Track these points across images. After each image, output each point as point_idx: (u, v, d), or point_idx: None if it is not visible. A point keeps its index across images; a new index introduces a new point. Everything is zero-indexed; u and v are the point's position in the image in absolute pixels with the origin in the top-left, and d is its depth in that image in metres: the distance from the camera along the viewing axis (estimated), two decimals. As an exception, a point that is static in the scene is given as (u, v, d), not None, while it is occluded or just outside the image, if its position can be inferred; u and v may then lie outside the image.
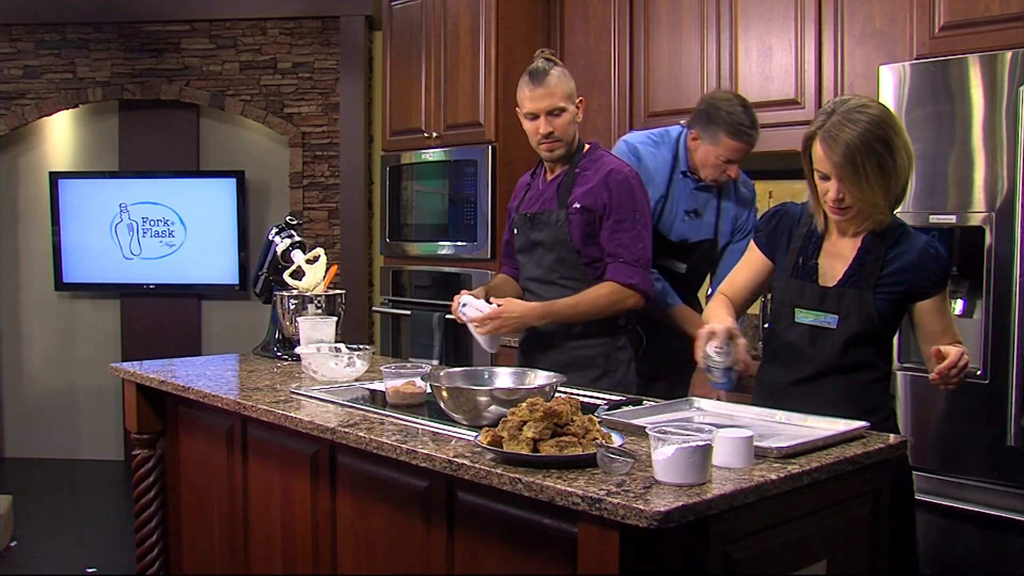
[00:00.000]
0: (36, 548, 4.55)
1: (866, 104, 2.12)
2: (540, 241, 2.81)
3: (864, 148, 2.06)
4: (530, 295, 2.87)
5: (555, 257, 2.79)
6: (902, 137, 2.12)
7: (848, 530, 1.95)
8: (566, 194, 2.77)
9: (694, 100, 3.82)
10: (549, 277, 2.81)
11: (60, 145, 6.28)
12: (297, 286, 3.17)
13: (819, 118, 2.14)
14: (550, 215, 2.78)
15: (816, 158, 2.13)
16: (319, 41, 5.89)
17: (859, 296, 2.18)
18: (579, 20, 4.30)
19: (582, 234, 2.73)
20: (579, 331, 2.77)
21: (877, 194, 2.10)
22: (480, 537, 1.97)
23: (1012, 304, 2.64)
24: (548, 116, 2.72)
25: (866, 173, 2.07)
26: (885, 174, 2.08)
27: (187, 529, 3.00)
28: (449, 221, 4.53)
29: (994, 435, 2.67)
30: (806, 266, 2.27)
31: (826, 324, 2.21)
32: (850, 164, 2.07)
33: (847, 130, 2.06)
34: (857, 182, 2.08)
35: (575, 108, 2.76)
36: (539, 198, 2.86)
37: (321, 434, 2.22)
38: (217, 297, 6.19)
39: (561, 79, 2.72)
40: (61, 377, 6.26)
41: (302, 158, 5.94)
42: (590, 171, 2.77)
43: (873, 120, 2.08)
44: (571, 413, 1.83)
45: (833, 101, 2.18)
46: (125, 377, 3.05)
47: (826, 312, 2.21)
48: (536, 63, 2.75)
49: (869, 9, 3.30)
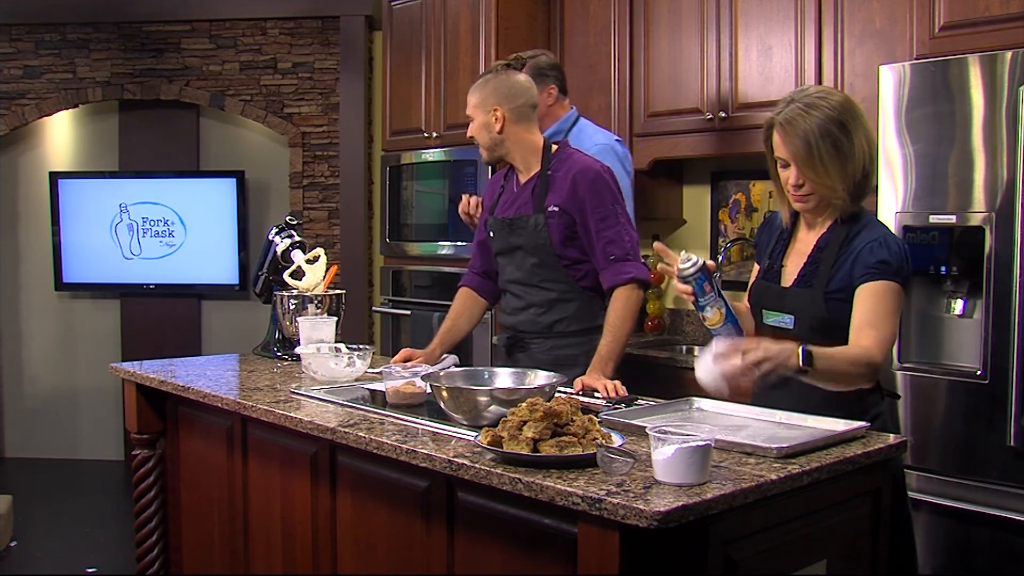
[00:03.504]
0: (36, 548, 4.55)
1: (827, 92, 2.15)
2: (520, 245, 2.83)
3: (818, 130, 2.08)
4: (511, 297, 2.90)
5: (536, 261, 2.81)
6: (861, 123, 2.13)
7: (848, 530, 1.95)
8: (541, 198, 2.79)
9: (694, 100, 3.84)
10: (530, 280, 2.83)
11: (60, 145, 6.28)
12: (297, 286, 3.17)
13: (778, 106, 2.16)
14: (528, 220, 2.80)
15: (775, 146, 2.16)
16: (319, 41, 5.89)
17: (810, 296, 2.16)
18: (579, 20, 4.30)
19: (561, 236, 2.76)
20: (560, 331, 2.80)
21: (834, 177, 2.10)
22: (480, 537, 1.97)
23: (1012, 304, 2.64)
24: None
25: (821, 155, 2.08)
26: (841, 156, 2.10)
27: (187, 529, 3.00)
28: (449, 221, 4.53)
29: (994, 435, 2.67)
30: (772, 268, 2.28)
31: (783, 324, 2.20)
32: (805, 147, 2.09)
33: (803, 115, 2.09)
34: (813, 165, 2.10)
35: (484, 117, 2.79)
36: (514, 201, 2.87)
37: (321, 434, 2.22)
38: (217, 297, 6.19)
39: (473, 91, 2.82)
40: (61, 377, 6.26)
41: (302, 158, 5.94)
42: (560, 172, 2.78)
43: (831, 105, 2.10)
44: (571, 413, 1.84)
45: (793, 91, 2.20)
46: (125, 377, 3.05)
47: (783, 312, 2.21)
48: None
49: (869, 9, 3.30)
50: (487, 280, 3.03)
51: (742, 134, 3.68)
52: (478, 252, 3.06)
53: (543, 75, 3.31)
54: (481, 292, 3.03)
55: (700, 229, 4.28)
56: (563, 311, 2.80)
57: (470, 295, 3.03)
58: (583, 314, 2.81)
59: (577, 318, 2.81)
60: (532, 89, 2.85)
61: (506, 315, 2.93)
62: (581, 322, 2.80)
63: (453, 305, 3.03)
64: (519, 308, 2.87)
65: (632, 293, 2.71)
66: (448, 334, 2.95)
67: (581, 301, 2.80)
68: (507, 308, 2.93)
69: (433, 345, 2.91)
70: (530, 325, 2.84)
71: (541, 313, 2.82)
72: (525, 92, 2.82)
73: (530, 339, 2.85)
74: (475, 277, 3.05)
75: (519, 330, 2.87)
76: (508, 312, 2.92)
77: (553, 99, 3.35)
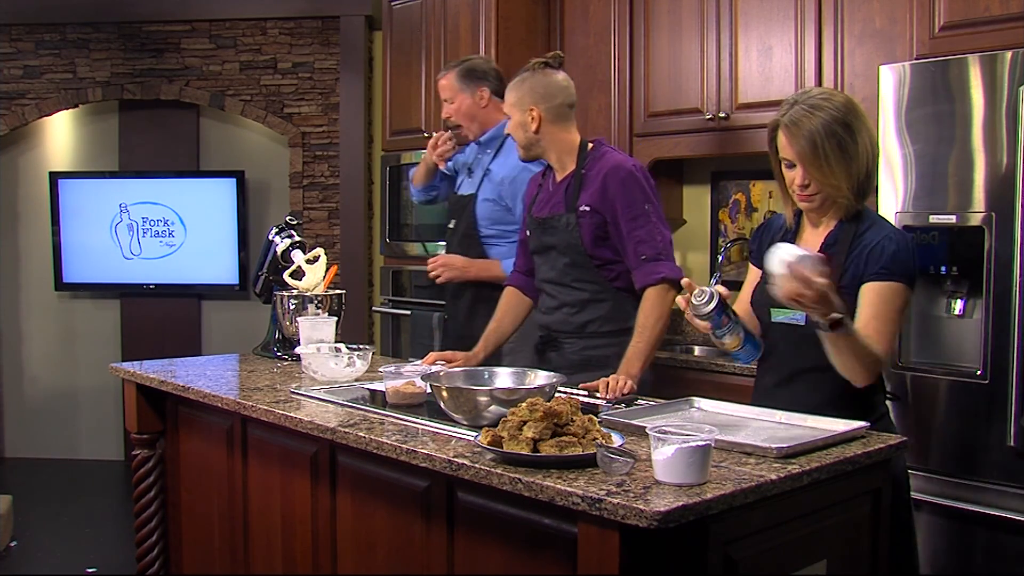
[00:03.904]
0: (36, 548, 4.55)
1: (830, 94, 2.17)
2: (552, 245, 2.81)
3: (824, 130, 2.10)
4: (546, 296, 2.88)
5: (568, 260, 2.78)
6: (864, 123, 2.15)
7: (848, 530, 1.95)
8: (574, 197, 2.76)
9: (694, 100, 3.84)
10: (563, 280, 2.81)
11: (60, 145, 6.28)
12: (297, 286, 3.17)
13: (783, 108, 2.18)
14: (559, 219, 2.78)
15: (780, 146, 2.17)
16: (319, 41, 5.89)
17: None
18: (579, 20, 4.30)
19: (592, 236, 2.73)
20: (592, 331, 2.77)
21: (839, 176, 2.12)
22: (480, 537, 1.97)
23: (1012, 304, 2.64)
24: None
25: (827, 155, 2.10)
26: (846, 156, 2.11)
27: (187, 529, 3.00)
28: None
29: (994, 435, 2.67)
30: None
31: (795, 321, 2.20)
32: (811, 147, 2.10)
33: (808, 116, 2.11)
34: (819, 165, 2.11)
35: (521, 116, 2.81)
36: (549, 201, 2.86)
37: (321, 434, 2.22)
38: (217, 297, 6.19)
39: (509, 90, 2.87)
40: (61, 377, 6.26)
41: (302, 158, 5.94)
42: (593, 171, 2.76)
43: (835, 106, 2.12)
44: (571, 413, 1.83)
45: (797, 92, 2.22)
46: (125, 377, 3.05)
47: (793, 309, 2.21)
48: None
49: (869, 9, 3.30)
50: (531, 279, 2.99)
51: (742, 134, 3.68)
52: (521, 251, 3.03)
53: (475, 77, 3.37)
54: (526, 291, 2.99)
55: (700, 229, 4.28)
56: (595, 311, 2.78)
57: (515, 294, 3.00)
58: (616, 314, 2.77)
59: (610, 318, 2.77)
60: (570, 88, 2.83)
61: (541, 314, 2.92)
62: (614, 323, 2.76)
63: (499, 305, 3.00)
64: (552, 308, 2.85)
65: (664, 293, 2.67)
66: (493, 335, 2.93)
67: (614, 301, 2.76)
68: (542, 307, 2.91)
69: (477, 348, 2.87)
70: (563, 325, 2.81)
71: (573, 313, 2.80)
72: (563, 91, 2.80)
73: (563, 339, 2.82)
74: (519, 276, 3.02)
75: (552, 329, 2.84)
76: (543, 312, 2.90)
77: (486, 101, 3.37)
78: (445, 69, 3.43)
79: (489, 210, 3.31)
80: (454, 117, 3.40)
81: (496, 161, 3.34)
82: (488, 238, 3.33)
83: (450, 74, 3.38)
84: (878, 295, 2.11)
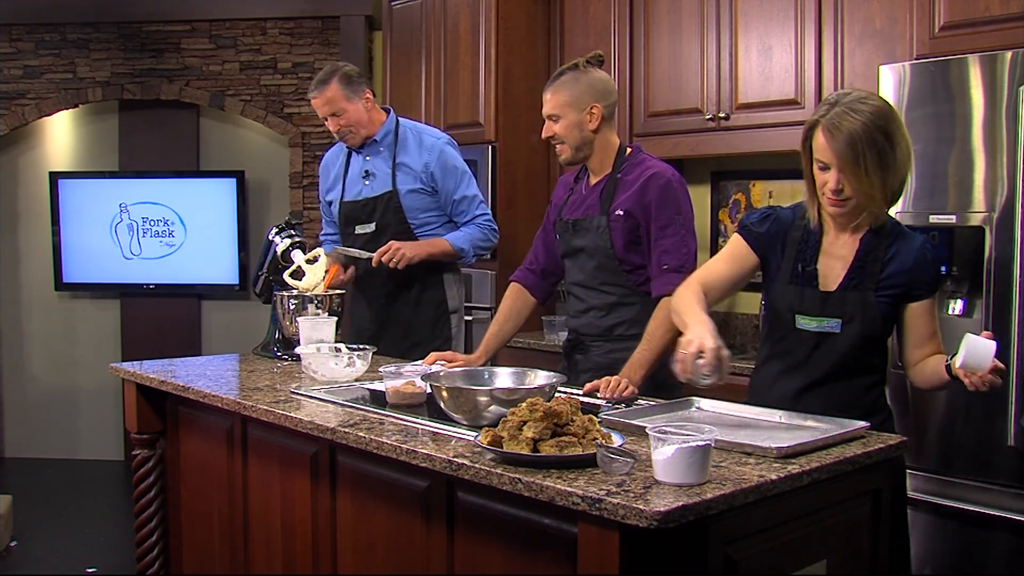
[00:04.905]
0: (36, 548, 4.55)
1: (869, 96, 2.13)
2: (582, 247, 2.79)
3: (866, 137, 2.06)
4: (574, 299, 2.87)
5: (596, 264, 2.77)
6: (903, 132, 2.13)
7: (848, 530, 1.95)
8: (608, 201, 2.74)
9: (694, 100, 3.85)
10: (591, 283, 2.80)
11: (60, 145, 6.28)
12: (297, 286, 3.17)
13: (821, 108, 2.14)
14: (591, 221, 2.76)
15: (817, 147, 2.13)
16: (319, 41, 5.89)
17: (862, 298, 2.17)
18: (579, 20, 4.30)
19: (624, 241, 2.71)
20: (619, 334, 2.76)
21: (875, 186, 2.10)
22: (480, 537, 1.97)
23: (1012, 304, 2.64)
24: (548, 120, 2.75)
25: (866, 163, 2.07)
26: (884, 166, 2.09)
27: (187, 529, 3.00)
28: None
29: (994, 435, 2.67)
30: (805, 272, 2.24)
31: (830, 329, 2.19)
32: (851, 152, 2.07)
33: (850, 119, 2.07)
34: (857, 172, 2.08)
35: (579, 115, 2.71)
36: (582, 204, 2.83)
37: (321, 434, 2.22)
38: (217, 297, 6.19)
39: (562, 87, 2.72)
40: (61, 377, 6.26)
41: (302, 158, 5.94)
42: (631, 176, 2.73)
43: (876, 111, 2.09)
44: (571, 413, 1.83)
45: (836, 93, 2.18)
46: (125, 377, 3.05)
47: (829, 317, 2.20)
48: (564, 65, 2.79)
49: (869, 9, 3.30)
50: (541, 279, 2.98)
51: (742, 134, 3.69)
52: (542, 250, 3.00)
53: (354, 83, 3.38)
54: (533, 290, 2.97)
55: (700, 229, 4.27)
56: (623, 315, 2.76)
57: (520, 292, 2.98)
58: (643, 318, 2.70)
59: (637, 322, 2.72)
60: (614, 87, 2.82)
61: (569, 317, 2.91)
62: (641, 326, 2.69)
63: (501, 306, 2.99)
64: (581, 311, 2.84)
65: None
66: (494, 339, 2.92)
67: (641, 306, 2.73)
68: (570, 310, 2.91)
69: (478, 353, 2.87)
70: (590, 328, 2.80)
71: (601, 316, 2.78)
72: (614, 91, 2.78)
73: (590, 341, 2.81)
74: (529, 274, 3.00)
75: (580, 332, 2.84)
76: (571, 314, 2.89)
77: (371, 104, 3.42)
78: (320, 86, 3.35)
79: (416, 200, 3.38)
80: (352, 127, 3.39)
81: (403, 154, 3.40)
82: (421, 227, 3.39)
83: (332, 87, 3.34)
84: (931, 314, 2.21)
